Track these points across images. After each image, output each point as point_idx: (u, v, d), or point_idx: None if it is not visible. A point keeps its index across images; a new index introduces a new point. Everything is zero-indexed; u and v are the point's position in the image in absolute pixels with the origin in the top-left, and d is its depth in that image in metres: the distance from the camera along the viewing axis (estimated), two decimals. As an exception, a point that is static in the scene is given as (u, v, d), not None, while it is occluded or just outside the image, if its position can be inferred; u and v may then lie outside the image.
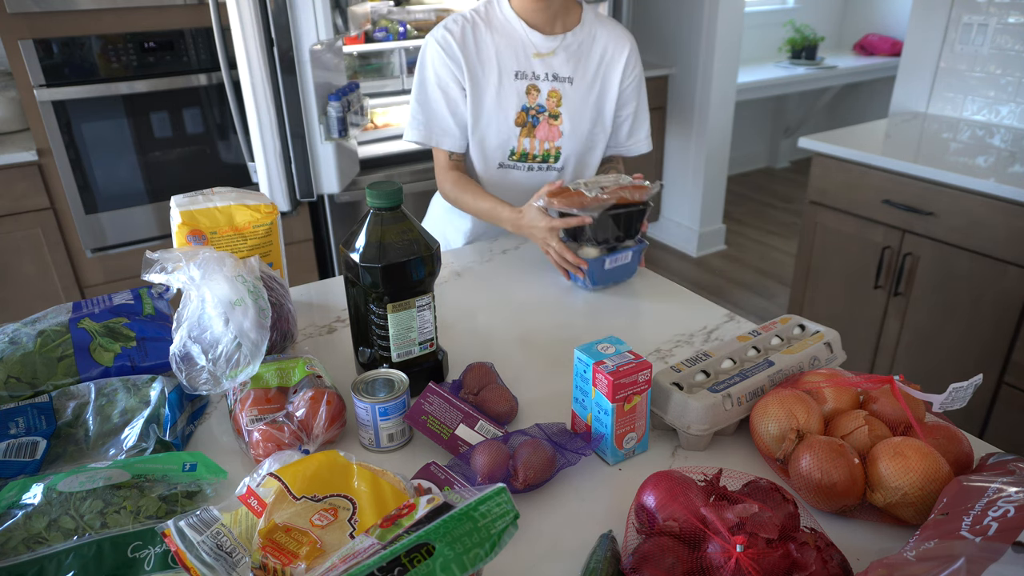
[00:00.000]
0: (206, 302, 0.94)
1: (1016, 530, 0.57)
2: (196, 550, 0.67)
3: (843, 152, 2.20)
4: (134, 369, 0.99)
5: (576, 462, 0.85)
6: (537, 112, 1.45)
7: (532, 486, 0.82)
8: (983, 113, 2.40)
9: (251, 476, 0.77)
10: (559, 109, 1.45)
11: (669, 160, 3.80)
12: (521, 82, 1.43)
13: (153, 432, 0.89)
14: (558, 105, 1.45)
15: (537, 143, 1.47)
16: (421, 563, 0.52)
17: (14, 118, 2.40)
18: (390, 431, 0.90)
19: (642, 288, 1.36)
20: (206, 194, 1.18)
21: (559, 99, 1.45)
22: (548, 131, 1.46)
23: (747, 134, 4.86)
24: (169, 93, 2.36)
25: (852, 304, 2.30)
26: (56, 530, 0.70)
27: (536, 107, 1.44)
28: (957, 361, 2.04)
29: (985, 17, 2.32)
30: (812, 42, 4.31)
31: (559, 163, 1.50)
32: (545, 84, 1.44)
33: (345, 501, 0.75)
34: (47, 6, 2.10)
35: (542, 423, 0.91)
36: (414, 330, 0.98)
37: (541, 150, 1.48)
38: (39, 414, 0.90)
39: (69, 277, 2.41)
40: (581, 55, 1.45)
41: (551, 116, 1.45)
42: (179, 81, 2.36)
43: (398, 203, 0.95)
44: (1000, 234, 1.86)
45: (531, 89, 1.43)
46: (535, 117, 1.45)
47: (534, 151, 1.48)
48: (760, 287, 3.47)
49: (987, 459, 0.78)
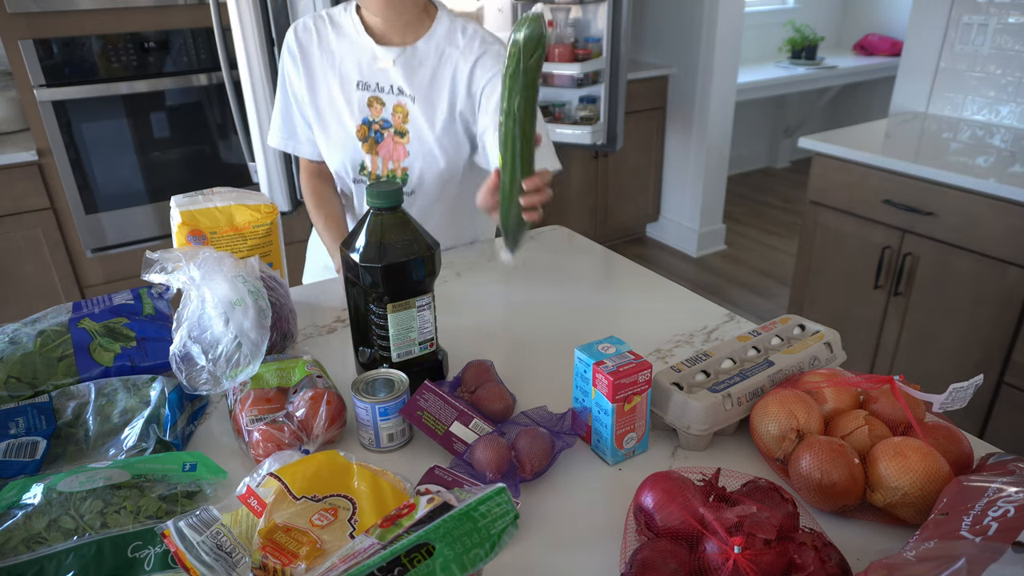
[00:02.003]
0: (206, 302, 0.94)
1: (1016, 530, 0.57)
2: (196, 550, 0.67)
3: (843, 152, 2.20)
4: (134, 369, 0.99)
5: (572, 444, 0.87)
6: (381, 127, 1.32)
7: (539, 473, 0.83)
8: (983, 113, 2.40)
9: (251, 476, 0.77)
10: (405, 126, 1.32)
11: (669, 160, 3.80)
12: (363, 93, 1.30)
13: (153, 432, 0.89)
14: (404, 121, 1.31)
15: (380, 161, 1.34)
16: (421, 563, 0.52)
17: (14, 118, 2.40)
18: (390, 431, 0.90)
19: (642, 288, 1.36)
20: (206, 194, 1.18)
21: (405, 115, 1.31)
22: (392, 149, 1.33)
23: (747, 134, 4.86)
24: (169, 93, 2.37)
25: (852, 304, 2.31)
26: (56, 530, 0.70)
27: (380, 121, 1.31)
28: (957, 361, 2.04)
29: (985, 17, 2.32)
30: (812, 42, 4.31)
31: (408, 186, 1.36)
32: (390, 97, 1.30)
33: (345, 501, 0.75)
34: (47, 6, 2.10)
35: (527, 411, 0.93)
36: (414, 330, 0.98)
37: (386, 169, 1.35)
38: (39, 414, 0.90)
39: (69, 277, 2.41)
40: (426, 68, 1.30)
41: (397, 133, 1.32)
42: (179, 81, 2.36)
43: (398, 203, 0.95)
44: (1000, 234, 1.86)
45: (373, 101, 1.30)
46: (378, 132, 1.32)
47: (377, 170, 1.36)
48: (760, 287, 3.47)
49: (987, 459, 0.78)
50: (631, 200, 3.80)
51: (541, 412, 0.93)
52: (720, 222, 3.86)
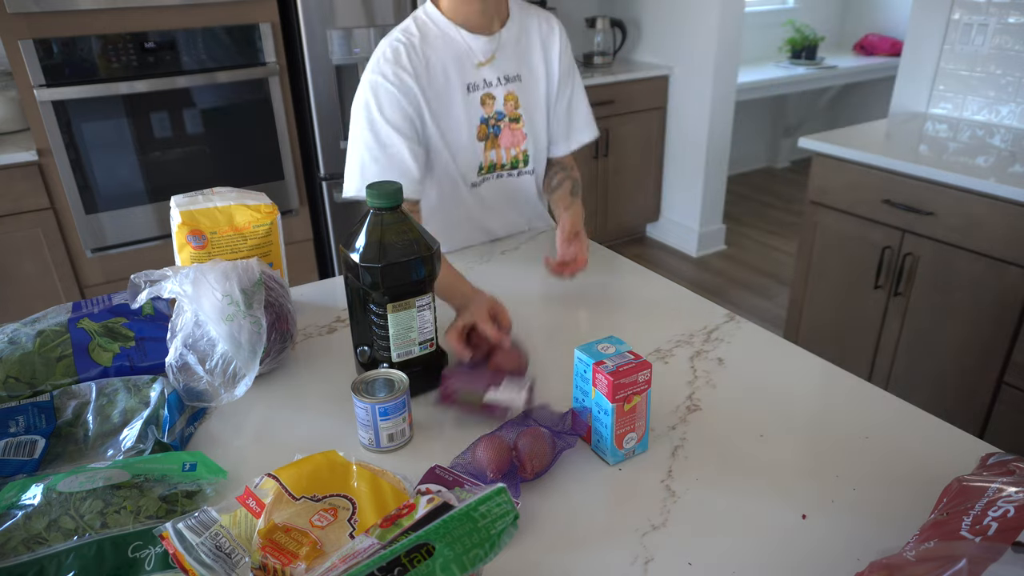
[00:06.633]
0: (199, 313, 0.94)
1: (1016, 530, 0.57)
2: (195, 552, 0.67)
3: (843, 152, 2.19)
4: (133, 369, 0.99)
5: (574, 444, 0.88)
6: (497, 120, 1.34)
7: (539, 474, 0.84)
8: (983, 113, 2.40)
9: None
10: (518, 111, 1.35)
11: (669, 160, 3.80)
12: (474, 94, 1.31)
13: (151, 433, 0.89)
14: (516, 107, 1.35)
15: (504, 152, 1.37)
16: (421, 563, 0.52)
17: (14, 118, 2.40)
18: (390, 431, 0.90)
19: (642, 288, 1.36)
20: (206, 194, 1.18)
21: (516, 101, 1.35)
22: (512, 137, 1.37)
23: (747, 134, 4.86)
24: (169, 93, 2.37)
25: (852, 304, 2.30)
26: (56, 530, 0.70)
27: (495, 115, 1.33)
28: (957, 361, 2.04)
29: (985, 17, 2.32)
30: (812, 42, 4.31)
31: (529, 166, 1.42)
32: (499, 89, 1.33)
33: (345, 501, 0.75)
34: (47, 6, 2.09)
35: (529, 410, 0.94)
36: (414, 330, 0.98)
37: (509, 158, 1.39)
38: (39, 413, 0.90)
39: (69, 277, 2.41)
40: (520, 48, 1.34)
41: (512, 120, 1.35)
42: (179, 81, 2.36)
43: (398, 203, 0.95)
44: (1000, 234, 1.86)
45: (486, 99, 1.32)
46: (495, 127, 1.34)
47: (501, 160, 1.38)
48: (760, 287, 3.47)
49: (987, 459, 0.78)
50: (631, 200, 3.80)
51: (543, 412, 0.93)
52: (720, 222, 3.86)
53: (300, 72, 2.58)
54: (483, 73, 1.31)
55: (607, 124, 3.46)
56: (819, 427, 0.95)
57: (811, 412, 0.99)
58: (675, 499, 0.82)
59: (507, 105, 1.34)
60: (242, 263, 1.02)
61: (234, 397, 0.96)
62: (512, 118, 1.35)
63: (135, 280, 0.97)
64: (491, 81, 1.32)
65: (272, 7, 2.45)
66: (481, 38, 1.29)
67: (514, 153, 1.38)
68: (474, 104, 1.31)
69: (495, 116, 1.34)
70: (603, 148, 3.51)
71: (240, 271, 1.00)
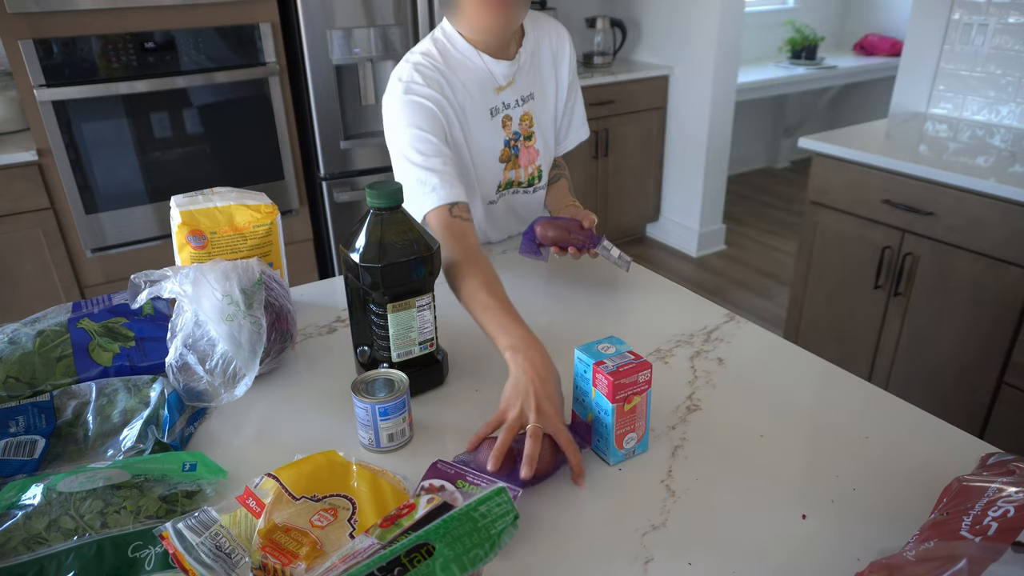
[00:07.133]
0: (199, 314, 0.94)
1: (1016, 530, 0.57)
2: (195, 552, 0.67)
3: (843, 152, 2.19)
4: (133, 369, 0.99)
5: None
6: (515, 141, 1.36)
7: (540, 478, 0.83)
8: (983, 113, 2.40)
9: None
10: (532, 130, 1.38)
11: (669, 160, 3.80)
12: (496, 118, 1.33)
13: (151, 433, 0.89)
14: (531, 126, 1.37)
15: (523, 171, 1.40)
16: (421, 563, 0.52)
17: (14, 118, 2.40)
18: (390, 431, 0.90)
19: (643, 288, 1.36)
20: (206, 194, 1.18)
21: (530, 120, 1.37)
22: (528, 155, 1.39)
23: (747, 134, 4.86)
24: (169, 93, 2.37)
25: (852, 304, 2.30)
26: (56, 530, 0.70)
27: (513, 136, 1.36)
28: (957, 361, 2.04)
29: (985, 17, 2.32)
30: (812, 42, 4.31)
31: (543, 181, 1.44)
32: (517, 110, 1.35)
33: (345, 501, 0.75)
34: (47, 6, 2.10)
35: None
36: (414, 330, 0.98)
37: (527, 176, 1.41)
38: (39, 413, 0.90)
39: (69, 277, 2.41)
40: (534, 64, 1.35)
41: (525, 138, 1.38)
42: (179, 81, 2.36)
43: (398, 203, 0.95)
44: (1000, 234, 1.86)
45: (506, 121, 1.34)
46: (515, 147, 1.37)
47: (519, 179, 1.41)
48: (760, 287, 3.47)
49: (987, 459, 0.78)
50: (631, 200, 3.80)
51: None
52: (720, 222, 3.86)
53: (300, 72, 2.58)
54: (503, 96, 1.32)
55: (607, 124, 3.46)
56: (819, 427, 0.95)
57: (811, 412, 0.99)
58: (675, 499, 0.82)
59: (522, 125, 1.36)
60: (242, 263, 1.02)
61: (234, 397, 0.96)
62: (526, 136, 1.37)
63: (135, 280, 0.97)
64: (509, 103, 1.34)
65: (272, 7, 2.45)
66: (503, 63, 1.29)
67: (531, 171, 1.41)
68: (496, 128, 1.33)
69: (513, 137, 1.36)
70: (603, 148, 3.51)
71: (240, 271, 1.00)
